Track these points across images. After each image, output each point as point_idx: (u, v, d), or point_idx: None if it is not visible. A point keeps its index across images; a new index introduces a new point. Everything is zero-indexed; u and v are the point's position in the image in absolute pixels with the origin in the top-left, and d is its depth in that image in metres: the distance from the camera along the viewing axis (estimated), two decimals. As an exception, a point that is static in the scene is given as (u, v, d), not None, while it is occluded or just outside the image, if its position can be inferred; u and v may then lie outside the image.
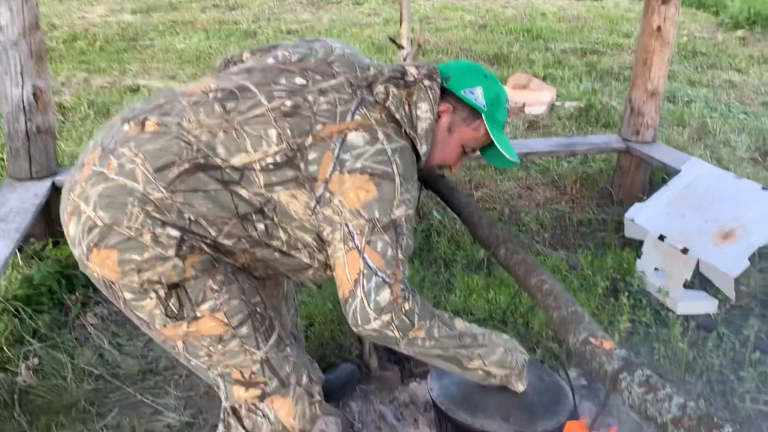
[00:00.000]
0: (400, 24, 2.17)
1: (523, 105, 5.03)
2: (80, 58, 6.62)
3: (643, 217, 2.98)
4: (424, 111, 1.42)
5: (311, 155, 1.32)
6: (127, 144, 1.33)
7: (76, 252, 1.36)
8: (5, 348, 2.32)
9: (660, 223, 2.89)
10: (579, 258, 3.04)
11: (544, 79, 5.91)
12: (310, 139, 1.33)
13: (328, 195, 1.32)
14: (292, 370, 1.47)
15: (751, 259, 2.62)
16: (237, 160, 1.31)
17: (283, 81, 1.39)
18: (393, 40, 2.19)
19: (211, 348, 1.39)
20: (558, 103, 5.24)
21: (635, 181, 3.56)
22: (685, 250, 2.70)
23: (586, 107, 4.99)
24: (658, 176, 3.69)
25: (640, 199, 3.42)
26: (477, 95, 1.47)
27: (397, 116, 1.39)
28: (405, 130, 1.41)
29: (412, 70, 1.45)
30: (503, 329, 2.50)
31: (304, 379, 1.50)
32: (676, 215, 2.88)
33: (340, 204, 1.31)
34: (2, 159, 3.79)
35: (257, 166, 1.32)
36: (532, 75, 5.57)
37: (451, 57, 6.84)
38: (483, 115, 1.50)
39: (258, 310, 1.43)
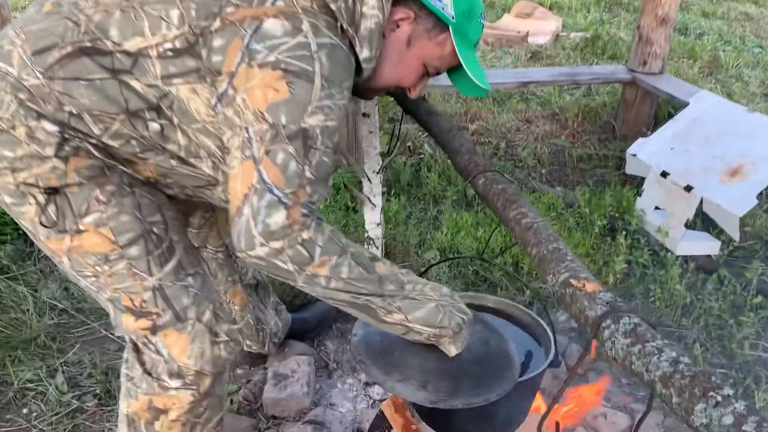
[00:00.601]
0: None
1: (527, 34, 4.76)
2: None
3: (645, 153, 2.80)
4: (370, 7, 1.16)
5: (216, 42, 1.09)
6: (15, 23, 1.16)
7: None
8: (-39, 280, 2.20)
9: (663, 159, 2.71)
10: (576, 195, 2.88)
11: (550, 8, 5.62)
12: (217, 23, 1.09)
13: (231, 92, 1.09)
14: (192, 303, 1.28)
15: (759, 197, 2.45)
16: (131, 45, 1.10)
17: None
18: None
19: (97, 268, 1.22)
20: (563, 34, 4.97)
21: (640, 115, 3.36)
22: (688, 188, 2.53)
23: (592, 38, 4.73)
24: (664, 110, 3.48)
25: (644, 134, 3.23)
26: (445, 3, 1.22)
27: (333, 7, 1.13)
28: (342, 26, 1.14)
29: None
30: (490, 269, 2.37)
31: (207, 315, 1.31)
32: (680, 150, 2.70)
33: (243, 103, 1.08)
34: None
35: (153, 53, 1.10)
36: (537, 3, 5.27)
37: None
38: (450, 27, 1.24)
39: (155, 230, 1.23)
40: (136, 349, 1.34)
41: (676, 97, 3.04)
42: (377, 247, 2.29)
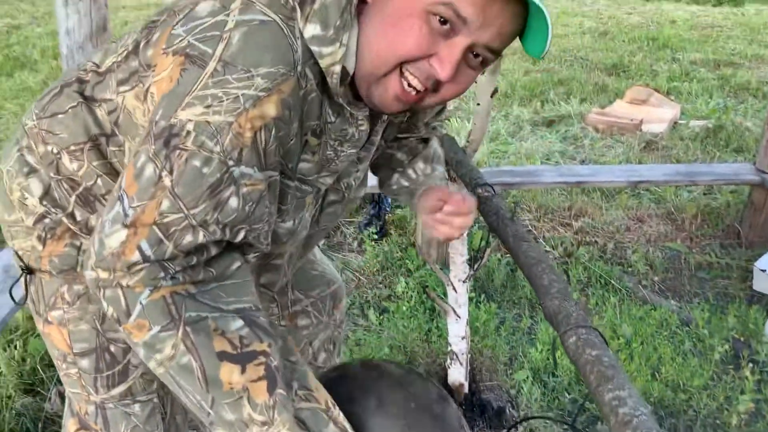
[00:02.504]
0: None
1: (641, 122, 4.49)
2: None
3: (778, 269, 2.46)
4: None
5: (155, 34, 0.91)
6: None
7: None
8: (39, 369, 2.19)
9: (800, 278, 2.37)
10: (694, 311, 2.56)
11: (668, 93, 5.31)
12: (164, 15, 0.93)
13: (150, 86, 0.90)
14: None
15: None
16: (105, 64, 1.00)
17: None
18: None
19: (58, 362, 1.13)
20: (682, 122, 4.65)
21: (770, 221, 3.01)
22: (832, 317, 2.17)
23: (714, 127, 4.39)
24: (800, 216, 3.09)
25: (776, 244, 2.87)
26: None
27: None
28: (287, 4, 0.84)
29: None
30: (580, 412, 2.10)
31: None
32: (821, 270, 2.35)
33: (152, 98, 0.88)
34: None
35: (116, 65, 0.97)
36: (653, 89, 5.00)
37: (565, 65, 6.36)
38: None
39: (111, 348, 1.09)
40: None
41: (814, 204, 2.69)
42: (461, 364, 2.09)
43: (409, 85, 0.88)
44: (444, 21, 0.83)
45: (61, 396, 2.12)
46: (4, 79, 6.05)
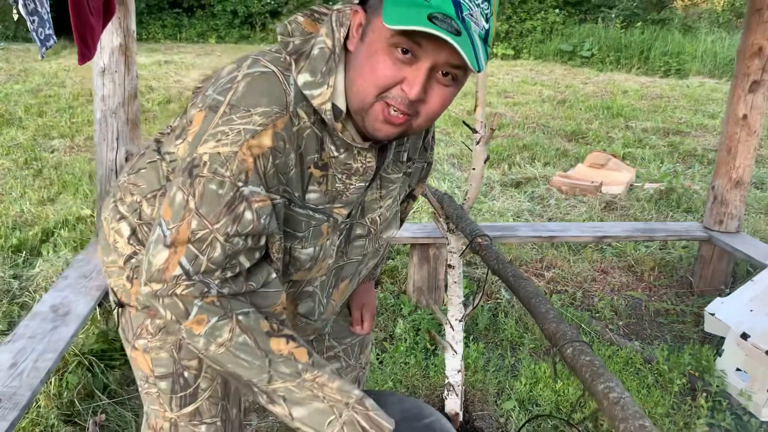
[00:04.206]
0: (475, 109, 2.20)
1: (600, 184, 4.95)
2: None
3: (724, 313, 2.83)
4: (320, 35, 1.05)
5: (198, 97, 1.09)
6: None
7: None
8: (76, 402, 2.40)
9: (743, 320, 2.73)
10: (655, 351, 2.90)
11: (624, 158, 5.82)
12: (204, 82, 1.17)
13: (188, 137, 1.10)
14: None
15: None
16: (173, 124, 1.26)
17: None
18: (467, 124, 2.22)
19: (141, 382, 1.35)
20: (637, 184, 5.13)
21: (717, 272, 3.41)
22: (770, 352, 2.53)
23: (666, 190, 4.86)
24: (743, 268, 3.51)
25: (722, 292, 3.26)
26: None
27: (286, 41, 1.06)
28: (284, 59, 1.05)
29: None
30: (567, 429, 2.40)
31: None
32: (761, 313, 2.72)
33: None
34: (91, 211, 4.02)
35: (176, 125, 1.22)
36: (611, 154, 5.49)
37: (527, 132, 6.85)
38: None
39: (185, 374, 1.30)
40: None
41: (753, 258, 3.09)
42: (457, 395, 2.37)
43: (394, 110, 1.01)
44: (405, 50, 0.96)
45: (98, 425, 2.33)
46: (-6, 136, 6.22)
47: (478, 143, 2.21)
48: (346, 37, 1.05)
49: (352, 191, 1.16)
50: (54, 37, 2.19)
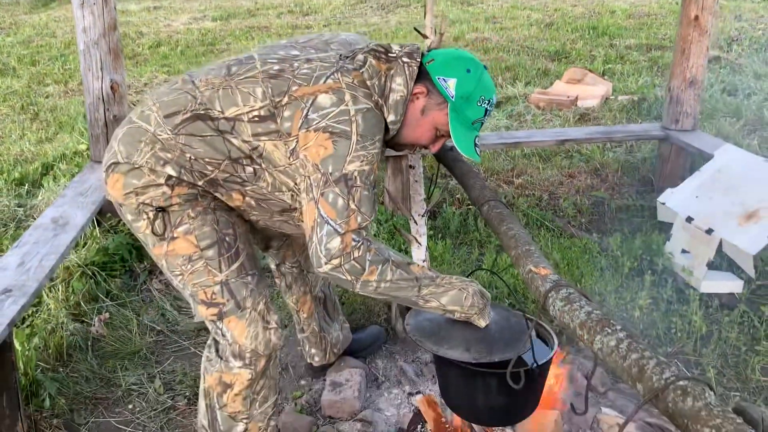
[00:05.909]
0: (425, 15, 2.38)
1: (576, 98, 5.11)
2: (162, 61, 7.16)
3: (674, 201, 3.06)
4: (397, 84, 1.55)
5: (286, 113, 1.50)
6: (152, 95, 1.64)
7: (102, 176, 1.66)
8: (82, 303, 2.68)
9: (689, 205, 2.97)
10: (610, 241, 3.14)
11: (603, 74, 5.94)
12: (285, 99, 1.51)
13: (296, 149, 1.50)
14: (249, 295, 1.67)
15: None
16: (229, 113, 1.54)
17: (281, 52, 1.62)
18: (417, 30, 2.40)
19: (183, 267, 1.63)
20: (612, 97, 5.29)
21: (675, 169, 3.62)
22: (709, 231, 2.77)
23: (639, 100, 5.02)
24: (700, 164, 3.71)
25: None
26: (449, 85, 1.56)
27: (368, 83, 1.52)
28: (375, 98, 1.53)
29: (395, 48, 1.62)
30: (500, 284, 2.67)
31: (261, 306, 1.70)
32: (705, 198, 2.95)
33: (305, 158, 1.49)
34: (87, 144, 4.25)
35: (245, 118, 1.53)
36: (588, 70, 5.62)
37: (512, 54, 6.95)
38: (449, 104, 1.58)
39: (227, 239, 1.64)
40: (215, 343, 1.75)
41: (705, 152, 3.30)
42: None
43: (413, 148, 1.78)
44: (441, 135, 1.65)
45: (103, 322, 2.62)
46: (-10, 85, 6.41)
47: (429, 48, 2.40)
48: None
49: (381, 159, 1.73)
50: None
